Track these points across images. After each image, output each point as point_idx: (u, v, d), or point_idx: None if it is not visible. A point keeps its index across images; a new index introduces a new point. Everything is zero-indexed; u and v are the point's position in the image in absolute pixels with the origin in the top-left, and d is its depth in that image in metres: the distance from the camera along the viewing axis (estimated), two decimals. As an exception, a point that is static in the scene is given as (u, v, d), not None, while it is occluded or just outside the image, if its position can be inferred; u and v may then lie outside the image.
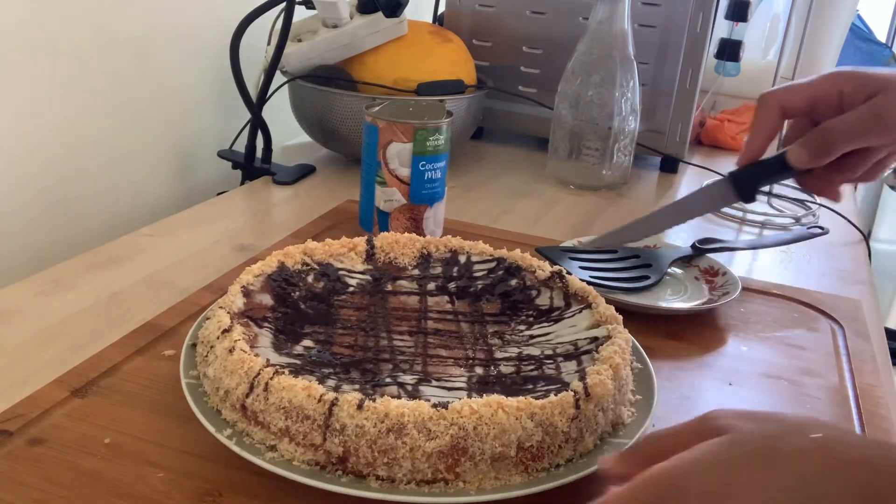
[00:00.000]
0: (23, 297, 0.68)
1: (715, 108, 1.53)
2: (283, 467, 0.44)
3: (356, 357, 0.54)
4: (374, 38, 1.02)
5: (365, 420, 0.43)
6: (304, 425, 0.44)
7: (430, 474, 0.44)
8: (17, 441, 0.48)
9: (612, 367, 0.49)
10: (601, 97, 1.01)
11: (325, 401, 0.44)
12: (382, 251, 0.67)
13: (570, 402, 0.46)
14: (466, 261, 0.67)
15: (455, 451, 0.43)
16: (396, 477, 0.44)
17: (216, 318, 0.52)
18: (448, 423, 0.43)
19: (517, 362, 0.55)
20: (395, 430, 0.43)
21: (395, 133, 0.76)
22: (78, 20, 0.87)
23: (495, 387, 0.51)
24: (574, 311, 0.60)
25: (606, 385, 0.48)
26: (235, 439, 0.46)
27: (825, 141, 0.57)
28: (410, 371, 0.53)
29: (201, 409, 0.48)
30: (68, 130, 0.89)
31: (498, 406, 0.44)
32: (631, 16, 1.00)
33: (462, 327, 0.60)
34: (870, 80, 0.58)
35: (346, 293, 0.63)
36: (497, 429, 0.44)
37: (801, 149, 0.58)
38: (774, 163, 0.60)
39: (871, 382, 0.63)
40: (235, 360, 0.48)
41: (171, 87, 1.03)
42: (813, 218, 1.03)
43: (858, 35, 2.66)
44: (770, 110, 0.60)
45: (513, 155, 1.21)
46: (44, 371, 0.56)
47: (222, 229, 0.86)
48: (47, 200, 0.87)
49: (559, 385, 0.51)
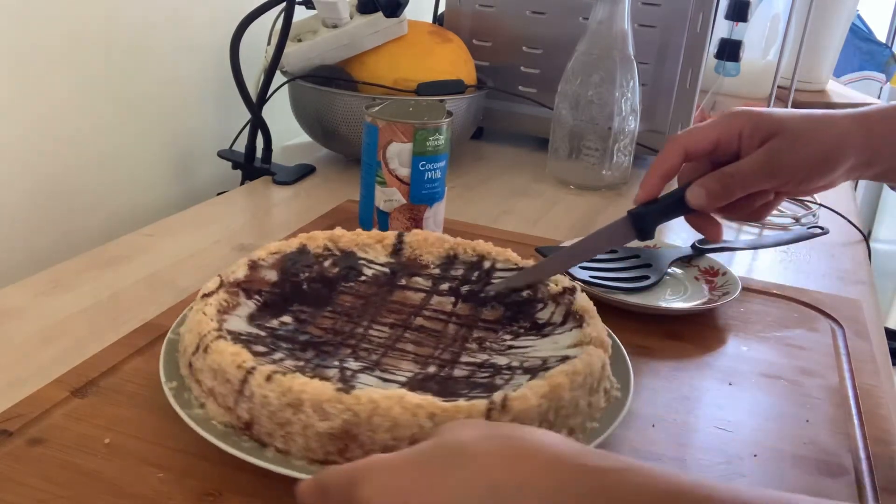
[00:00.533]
0: (23, 297, 0.68)
1: (715, 108, 1.53)
2: (202, 426, 0.47)
3: (322, 338, 0.55)
4: (374, 38, 1.02)
5: (270, 391, 0.45)
6: (224, 388, 0.47)
7: (322, 454, 0.45)
8: (17, 441, 0.48)
9: (551, 385, 0.47)
10: (601, 97, 1.01)
11: (243, 368, 0.47)
12: (410, 247, 0.67)
13: (481, 410, 0.44)
14: (490, 267, 0.65)
15: (346, 435, 0.44)
16: (291, 451, 0.45)
17: (206, 285, 0.57)
18: (343, 408, 0.44)
19: (475, 368, 0.53)
20: (294, 406, 0.45)
21: (395, 133, 0.76)
22: (77, 22, 0.87)
23: (433, 386, 0.50)
24: (564, 329, 0.58)
25: (528, 401, 0.45)
26: (175, 393, 0.50)
27: (724, 185, 0.58)
28: (365, 359, 0.53)
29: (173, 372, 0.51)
30: (68, 131, 0.89)
31: (398, 400, 0.44)
32: (631, 16, 1.00)
33: (448, 328, 0.59)
34: (765, 122, 0.58)
35: (356, 281, 0.64)
36: (390, 422, 0.43)
37: (700, 190, 0.58)
38: (672, 202, 0.60)
39: (871, 382, 0.63)
40: (194, 321, 0.52)
41: (171, 86, 1.03)
42: (813, 218, 1.03)
43: (858, 35, 2.66)
44: (674, 153, 0.60)
45: (513, 155, 1.21)
46: (44, 371, 0.56)
47: (222, 229, 0.86)
48: (47, 200, 0.87)
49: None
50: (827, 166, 0.58)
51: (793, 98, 1.07)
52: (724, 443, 0.55)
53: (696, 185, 0.59)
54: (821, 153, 0.57)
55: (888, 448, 0.55)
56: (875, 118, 0.58)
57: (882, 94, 2.75)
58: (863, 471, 0.53)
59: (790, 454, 0.54)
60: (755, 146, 0.58)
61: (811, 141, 0.57)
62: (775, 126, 0.57)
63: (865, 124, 0.58)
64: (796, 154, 0.57)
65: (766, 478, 0.51)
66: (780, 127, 0.57)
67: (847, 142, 0.57)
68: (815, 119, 0.58)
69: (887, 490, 0.51)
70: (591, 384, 0.50)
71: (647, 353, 0.65)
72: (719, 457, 0.53)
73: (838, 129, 0.58)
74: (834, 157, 0.57)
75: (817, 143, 0.57)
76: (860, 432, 0.57)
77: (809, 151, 0.57)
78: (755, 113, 0.59)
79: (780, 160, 0.57)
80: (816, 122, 0.58)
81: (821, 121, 0.58)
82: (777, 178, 0.58)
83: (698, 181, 0.59)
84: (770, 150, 0.57)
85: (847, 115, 0.59)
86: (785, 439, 0.55)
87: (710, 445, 0.54)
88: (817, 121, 0.58)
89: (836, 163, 0.58)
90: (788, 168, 0.57)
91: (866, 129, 0.58)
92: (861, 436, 0.56)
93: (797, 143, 0.57)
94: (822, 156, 0.57)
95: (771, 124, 0.58)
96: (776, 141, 0.57)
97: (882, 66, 2.70)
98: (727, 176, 0.58)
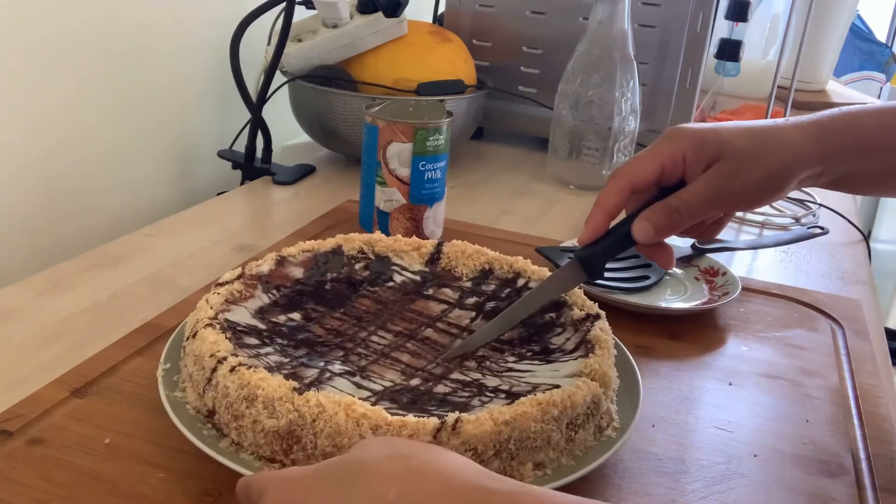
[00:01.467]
0: (23, 297, 0.68)
1: (715, 108, 1.53)
2: (174, 406, 0.49)
3: (321, 339, 0.56)
4: (374, 38, 1.02)
5: (230, 382, 0.46)
6: (198, 374, 0.49)
7: (269, 452, 0.45)
8: (17, 441, 0.48)
9: (514, 413, 0.45)
10: (601, 97, 1.01)
11: (216, 357, 0.48)
12: (447, 257, 0.66)
13: (430, 429, 0.43)
14: (524, 285, 0.63)
15: (290, 436, 0.44)
16: (243, 445, 0.46)
17: (225, 274, 0.59)
18: (291, 408, 0.44)
19: (458, 387, 0.51)
20: (248, 400, 0.45)
21: (395, 133, 0.76)
22: (77, 22, 0.87)
23: (404, 398, 0.49)
24: (570, 357, 0.55)
25: (482, 425, 0.43)
26: (165, 374, 0.52)
27: (670, 219, 0.55)
28: (353, 364, 0.53)
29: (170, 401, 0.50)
30: (68, 131, 0.89)
31: (344, 407, 0.43)
32: (631, 16, 1.00)
33: (454, 343, 0.57)
34: (708, 145, 0.54)
35: (382, 286, 0.63)
36: (333, 428, 0.43)
37: (647, 225, 0.55)
38: (618, 238, 0.57)
39: (871, 382, 0.63)
40: (197, 308, 0.54)
41: (172, 87, 1.03)
42: (813, 218, 1.03)
43: (858, 35, 2.66)
44: (618, 189, 0.56)
45: (513, 155, 1.21)
46: (44, 371, 0.56)
47: (222, 229, 0.86)
48: (47, 201, 0.87)
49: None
50: (777, 185, 0.55)
51: (793, 98, 1.07)
52: (724, 443, 0.55)
53: (642, 219, 0.55)
54: (770, 174, 0.54)
55: (888, 448, 0.55)
56: (829, 129, 0.55)
57: (882, 94, 2.76)
58: (863, 471, 0.53)
59: (790, 454, 0.54)
60: (700, 170, 0.54)
61: (759, 162, 0.54)
62: (719, 149, 0.54)
63: (819, 135, 0.55)
64: (744, 178, 0.54)
65: (766, 478, 0.51)
66: (723, 149, 0.54)
67: (798, 157, 0.54)
68: (762, 135, 0.54)
69: (887, 490, 0.51)
70: (571, 418, 0.47)
71: (647, 353, 0.65)
72: (719, 457, 0.53)
73: (788, 146, 0.54)
74: (784, 176, 0.54)
75: (766, 163, 0.54)
76: (860, 432, 0.57)
77: (758, 173, 0.54)
78: (696, 135, 0.55)
79: (726, 186, 0.54)
80: (763, 138, 0.54)
81: (768, 137, 0.54)
82: (725, 204, 0.56)
83: (644, 214, 0.55)
84: (716, 177, 0.54)
85: (797, 126, 0.55)
86: (785, 439, 0.56)
87: (710, 445, 0.54)
88: (764, 136, 0.54)
89: (787, 180, 0.54)
90: (736, 193, 0.54)
91: (819, 141, 0.55)
92: (861, 436, 0.56)
93: (744, 166, 0.54)
94: (772, 176, 0.54)
95: (715, 147, 0.54)
96: (721, 166, 0.54)
97: (882, 66, 2.70)
98: (673, 210, 0.54)
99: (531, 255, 0.69)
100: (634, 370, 0.57)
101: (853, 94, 1.97)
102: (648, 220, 0.55)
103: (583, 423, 0.48)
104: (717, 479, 0.51)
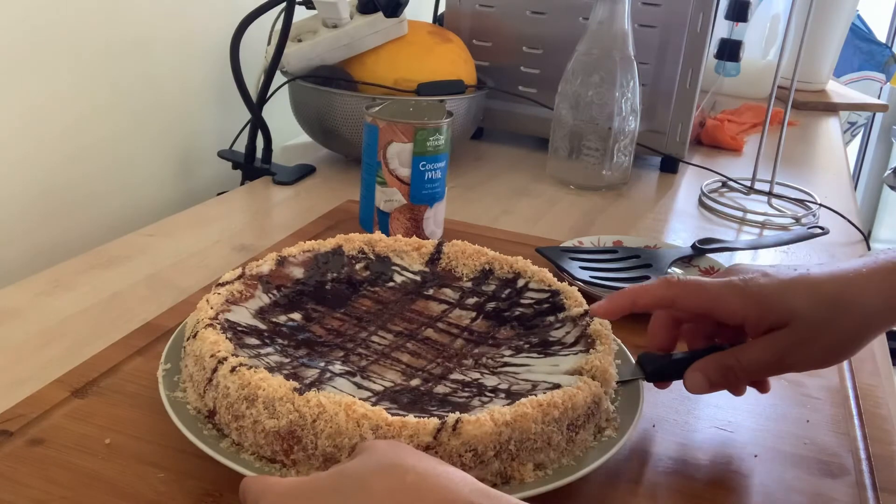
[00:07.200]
0: (23, 297, 0.68)
1: (715, 108, 1.53)
2: (174, 406, 0.48)
3: (322, 339, 0.56)
4: (374, 38, 1.02)
5: (231, 383, 0.46)
6: (199, 374, 0.49)
7: (270, 452, 0.45)
8: (17, 441, 0.48)
9: (515, 414, 0.44)
10: (601, 97, 1.01)
11: (216, 357, 0.48)
12: (447, 258, 0.66)
13: (430, 430, 0.43)
14: (523, 286, 0.63)
15: (291, 436, 0.44)
16: (244, 445, 0.46)
17: (225, 274, 0.59)
18: (292, 408, 0.44)
19: (458, 387, 0.51)
20: (249, 400, 0.45)
21: (396, 133, 0.77)
22: (78, 21, 0.87)
23: (404, 399, 0.49)
24: (571, 351, 0.55)
25: (483, 426, 0.43)
26: (165, 374, 0.52)
27: (726, 377, 0.51)
28: (353, 364, 0.53)
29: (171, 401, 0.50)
30: (69, 131, 0.89)
31: (345, 407, 0.43)
32: (631, 16, 1.00)
33: (454, 343, 0.57)
34: (774, 308, 0.50)
35: (382, 287, 0.63)
36: (333, 428, 0.43)
37: (701, 378, 0.52)
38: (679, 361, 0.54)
39: (871, 382, 0.63)
40: (197, 308, 0.54)
41: (172, 87, 1.03)
42: (813, 218, 1.03)
43: (858, 35, 2.67)
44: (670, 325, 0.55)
45: (513, 155, 1.21)
46: (44, 371, 0.56)
47: (222, 229, 0.86)
48: (48, 200, 0.87)
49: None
50: (844, 356, 0.52)
51: (793, 98, 1.07)
52: (724, 443, 0.55)
53: (696, 369, 0.52)
54: (841, 343, 0.50)
55: (888, 448, 0.55)
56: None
57: (882, 93, 2.76)
58: (863, 471, 0.53)
59: (790, 454, 0.54)
60: (761, 331, 0.51)
61: (830, 333, 0.49)
62: (787, 316, 0.49)
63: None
64: (810, 349, 0.50)
65: (766, 478, 0.51)
66: (792, 317, 0.49)
67: (874, 326, 0.50)
68: (836, 303, 0.49)
69: (887, 490, 0.51)
70: (572, 419, 0.47)
71: (648, 353, 0.65)
72: (719, 457, 0.53)
73: (863, 317, 0.49)
74: (857, 342, 0.50)
75: (838, 333, 0.49)
76: (860, 432, 0.57)
77: (827, 343, 0.50)
78: (762, 296, 0.50)
79: (788, 357, 0.50)
80: (837, 308, 0.49)
81: (842, 305, 0.49)
82: (783, 370, 0.53)
83: (698, 366, 0.52)
84: (778, 347, 0.50)
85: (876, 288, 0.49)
86: (785, 439, 0.56)
87: (710, 445, 0.54)
88: (838, 306, 0.49)
89: (856, 350, 0.51)
90: (798, 363, 0.51)
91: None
92: (861, 436, 0.56)
93: (812, 338, 0.49)
94: (843, 346, 0.50)
95: (782, 313, 0.49)
96: (787, 334, 0.49)
97: (882, 66, 2.70)
98: (728, 369, 0.51)
99: (531, 255, 0.69)
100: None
101: (853, 94, 1.97)
102: (703, 374, 0.52)
103: (583, 424, 0.48)
104: (717, 479, 0.51)
